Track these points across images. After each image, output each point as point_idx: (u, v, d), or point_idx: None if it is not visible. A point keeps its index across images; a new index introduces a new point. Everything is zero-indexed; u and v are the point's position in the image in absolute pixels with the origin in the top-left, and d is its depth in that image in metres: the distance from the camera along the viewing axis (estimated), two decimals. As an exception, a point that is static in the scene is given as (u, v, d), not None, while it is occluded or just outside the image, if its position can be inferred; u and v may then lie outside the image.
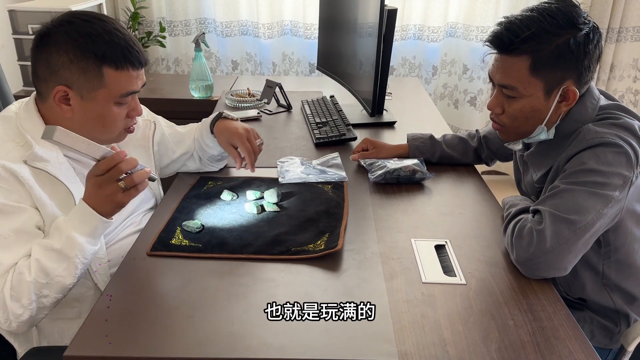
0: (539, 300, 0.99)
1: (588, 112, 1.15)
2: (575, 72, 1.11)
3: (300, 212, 1.27)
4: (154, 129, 1.40)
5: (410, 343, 0.88)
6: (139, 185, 1.05)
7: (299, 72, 2.99)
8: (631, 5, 2.77)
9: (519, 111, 1.16)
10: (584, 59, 1.09)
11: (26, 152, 1.08)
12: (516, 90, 1.13)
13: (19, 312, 1.00)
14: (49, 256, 1.02)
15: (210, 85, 2.29)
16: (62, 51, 1.06)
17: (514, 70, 1.12)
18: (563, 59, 1.09)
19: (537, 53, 1.09)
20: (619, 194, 1.05)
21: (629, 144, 1.07)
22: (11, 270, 1.01)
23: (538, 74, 1.11)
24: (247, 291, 1.00)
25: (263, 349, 0.86)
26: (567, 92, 1.12)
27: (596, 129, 1.10)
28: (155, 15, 2.83)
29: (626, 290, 1.19)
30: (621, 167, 1.06)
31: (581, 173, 1.07)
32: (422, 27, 2.89)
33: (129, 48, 1.10)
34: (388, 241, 1.17)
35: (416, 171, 1.43)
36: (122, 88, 1.11)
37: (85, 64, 1.07)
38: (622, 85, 2.97)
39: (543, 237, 1.03)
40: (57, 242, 1.03)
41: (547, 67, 1.10)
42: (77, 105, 1.10)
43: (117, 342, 0.87)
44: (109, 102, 1.11)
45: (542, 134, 1.17)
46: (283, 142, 1.74)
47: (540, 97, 1.13)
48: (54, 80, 1.08)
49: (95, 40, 1.07)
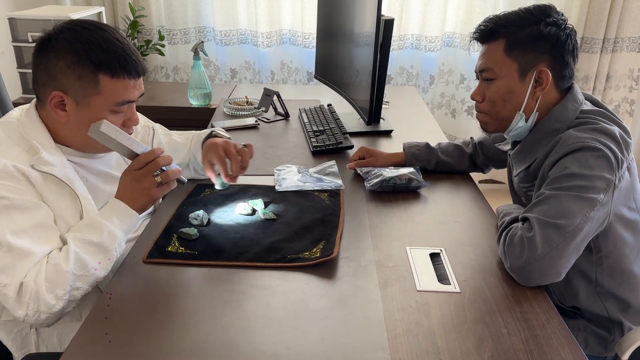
0: (532, 309, 1.00)
1: (569, 114, 1.20)
2: (548, 56, 1.18)
3: (297, 219, 1.27)
4: (153, 134, 1.41)
5: (404, 351, 0.89)
6: (171, 183, 1.13)
7: (297, 81, 3.01)
8: (626, 15, 2.80)
9: (496, 93, 1.23)
10: (555, 44, 1.18)
11: (32, 157, 1.09)
12: (492, 71, 1.22)
13: (52, 302, 1.00)
14: (88, 249, 1.05)
15: (209, 93, 2.30)
16: (60, 57, 1.08)
17: (490, 53, 1.23)
18: (535, 42, 1.18)
19: (510, 35, 1.19)
20: (604, 197, 1.07)
21: (608, 147, 1.09)
22: (43, 261, 1.02)
23: (511, 54, 1.20)
24: (242, 298, 1.00)
25: (258, 357, 0.86)
26: (540, 75, 1.19)
27: (577, 134, 1.13)
28: (154, 24, 2.85)
29: (619, 297, 1.20)
30: (602, 170, 1.08)
31: (564, 178, 1.09)
32: (420, 36, 2.91)
33: (127, 57, 1.11)
34: (383, 249, 1.18)
35: (412, 179, 1.44)
36: (118, 96, 1.12)
37: (82, 70, 1.08)
38: (618, 95, 2.98)
39: (534, 244, 1.04)
40: (95, 236, 1.06)
41: (520, 48, 1.19)
42: (72, 111, 1.11)
43: (113, 349, 0.87)
44: (103, 109, 1.12)
45: (521, 121, 1.22)
46: (280, 150, 1.75)
47: (515, 78, 1.20)
48: (52, 85, 1.10)
49: (93, 47, 1.08)
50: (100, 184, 1.24)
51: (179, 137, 1.51)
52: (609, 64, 2.89)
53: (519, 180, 1.29)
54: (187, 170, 1.49)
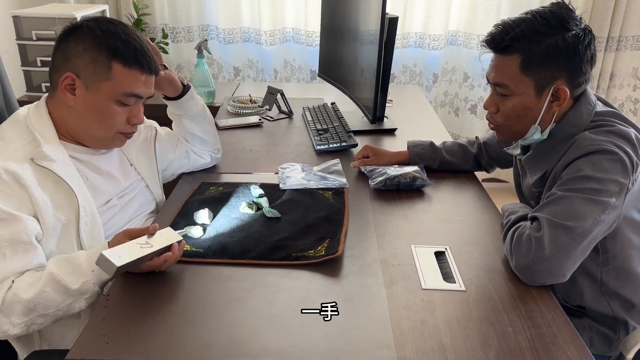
0: (537, 307, 1.00)
1: (583, 117, 1.17)
2: (565, 72, 1.13)
3: (301, 218, 1.27)
4: (155, 133, 1.42)
5: (410, 349, 0.89)
6: None
7: (300, 79, 3.00)
8: (631, 14, 2.79)
9: (511, 109, 1.18)
10: (573, 59, 1.11)
11: (33, 149, 1.10)
12: (508, 88, 1.17)
13: (5, 327, 1.00)
14: (57, 289, 1.01)
15: (212, 91, 2.30)
16: (80, 40, 1.12)
17: (505, 68, 1.16)
18: (552, 58, 1.11)
19: (527, 52, 1.12)
20: (616, 201, 1.06)
21: (624, 151, 1.08)
22: (6, 283, 1.01)
23: (528, 72, 1.14)
24: (247, 296, 1.00)
25: (263, 354, 0.86)
26: (558, 92, 1.14)
27: (592, 136, 1.11)
28: (158, 22, 2.85)
29: (624, 297, 1.19)
30: (617, 174, 1.07)
31: (577, 180, 1.08)
32: (423, 35, 2.90)
33: (142, 52, 1.15)
34: (388, 247, 1.18)
35: (416, 178, 1.44)
36: (127, 86, 1.15)
37: (97, 54, 1.12)
38: (622, 94, 2.98)
39: (541, 244, 1.04)
40: (72, 282, 1.02)
41: (537, 65, 1.13)
42: (80, 94, 1.14)
43: (117, 346, 0.87)
44: (110, 97, 1.15)
45: (536, 134, 1.19)
46: (284, 149, 1.75)
47: (531, 96, 1.15)
48: (66, 67, 1.13)
49: (112, 36, 1.13)
50: (101, 183, 1.24)
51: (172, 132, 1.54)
52: (612, 62, 2.88)
53: (532, 186, 1.26)
54: (186, 156, 1.52)
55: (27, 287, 1.01)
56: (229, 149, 1.72)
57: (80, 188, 1.14)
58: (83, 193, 1.14)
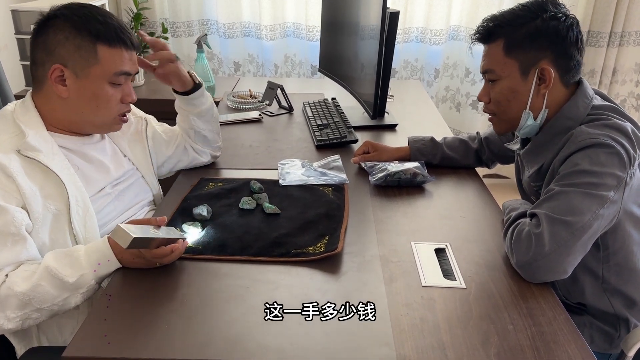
0: (538, 305, 0.99)
1: (580, 111, 1.17)
2: (549, 52, 1.16)
3: (301, 214, 1.27)
4: (146, 125, 1.42)
5: (410, 347, 0.88)
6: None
7: (300, 74, 2.99)
8: (633, 9, 2.77)
9: (500, 93, 1.22)
10: (555, 39, 1.15)
11: (20, 141, 1.10)
12: (494, 72, 1.21)
13: (0, 322, 1.00)
14: (54, 283, 1.01)
15: (212, 86, 2.28)
16: (59, 30, 1.12)
17: (491, 54, 1.21)
18: (535, 39, 1.15)
19: (509, 35, 1.17)
20: (614, 195, 1.06)
21: (621, 144, 1.08)
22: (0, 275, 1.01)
23: (512, 54, 1.18)
24: (246, 293, 1.00)
25: (261, 352, 0.86)
26: (543, 72, 1.16)
27: (588, 130, 1.11)
28: (157, 16, 2.83)
29: (626, 294, 1.19)
30: (614, 167, 1.06)
31: (575, 174, 1.08)
32: (425, 30, 2.88)
33: (122, 29, 1.17)
34: (388, 244, 1.17)
35: (417, 174, 1.43)
36: (116, 66, 1.16)
37: (80, 40, 1.12)
38: (625, 90, 2.96)
39: (541, 240, 1.03)
40: (69, 275, 1.02)
41: (520, 47, 1.17)
42: (72, 84, 1.14)
43: (115, 343, 0.87)
44: (103, 80, 1.15)
45: (529, 120, 1.20)
46: (284, 144, 1.74)
47: (517, 78, 1.19)
48: (50, 60, 1.13)
49: (90, 19, 1.13)
50: (92, 172, 1.24)
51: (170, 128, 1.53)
52: (615, 58, 2.87)
53: (530, 180, 1.26)
54: (185, 152, 1.50)
55: (21, 280, 1.01)
56: (229, 144, 1.71)
57: (70, 177, 1.14)
58: (74, 182, 1.14)
